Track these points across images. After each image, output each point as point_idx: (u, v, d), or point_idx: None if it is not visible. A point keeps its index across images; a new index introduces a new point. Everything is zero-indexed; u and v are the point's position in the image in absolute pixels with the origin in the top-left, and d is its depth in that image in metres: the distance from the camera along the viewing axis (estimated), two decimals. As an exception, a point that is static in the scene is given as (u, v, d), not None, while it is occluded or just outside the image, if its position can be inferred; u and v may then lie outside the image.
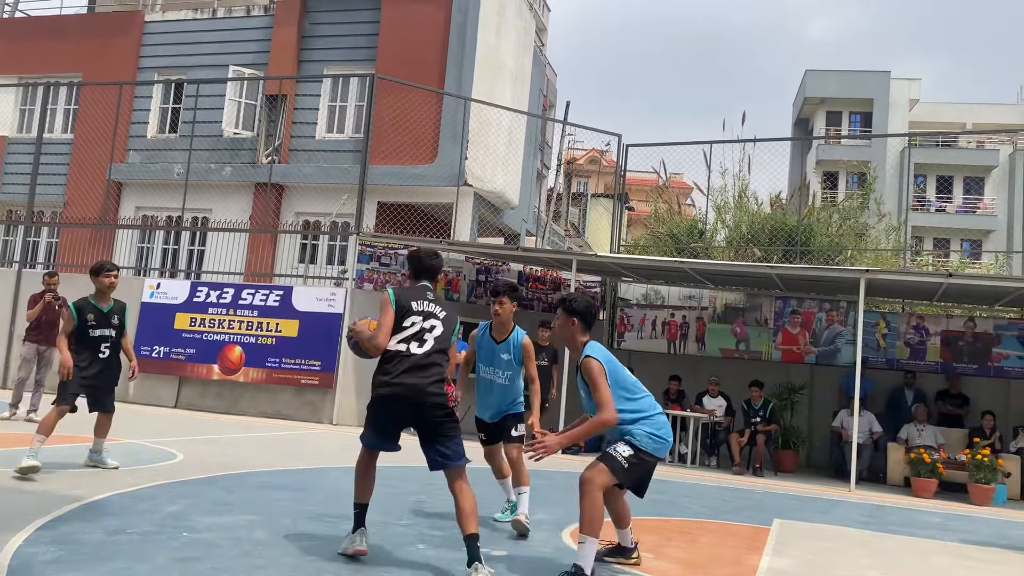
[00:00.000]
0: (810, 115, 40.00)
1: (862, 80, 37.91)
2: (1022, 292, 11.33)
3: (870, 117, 38.16)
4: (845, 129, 38.57)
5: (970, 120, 39.09)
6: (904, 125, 37.24)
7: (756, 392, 12.21)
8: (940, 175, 37.85)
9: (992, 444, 11.07)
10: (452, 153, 15.51)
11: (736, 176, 18.12)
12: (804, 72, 39.70)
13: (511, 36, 17.19)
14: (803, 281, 12.71)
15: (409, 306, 4.62)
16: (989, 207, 37.34)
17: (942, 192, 37.89)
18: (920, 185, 37.51)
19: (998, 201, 37.13)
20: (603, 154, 33.74)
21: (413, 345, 4.48)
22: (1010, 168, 36.96)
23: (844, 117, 39.11)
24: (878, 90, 37.77)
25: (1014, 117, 39.41)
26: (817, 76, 38.76)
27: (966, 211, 37.63)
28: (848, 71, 38.43)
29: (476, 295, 14.24)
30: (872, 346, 13.14)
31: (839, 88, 38.15)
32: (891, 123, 37.07)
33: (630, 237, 24.15)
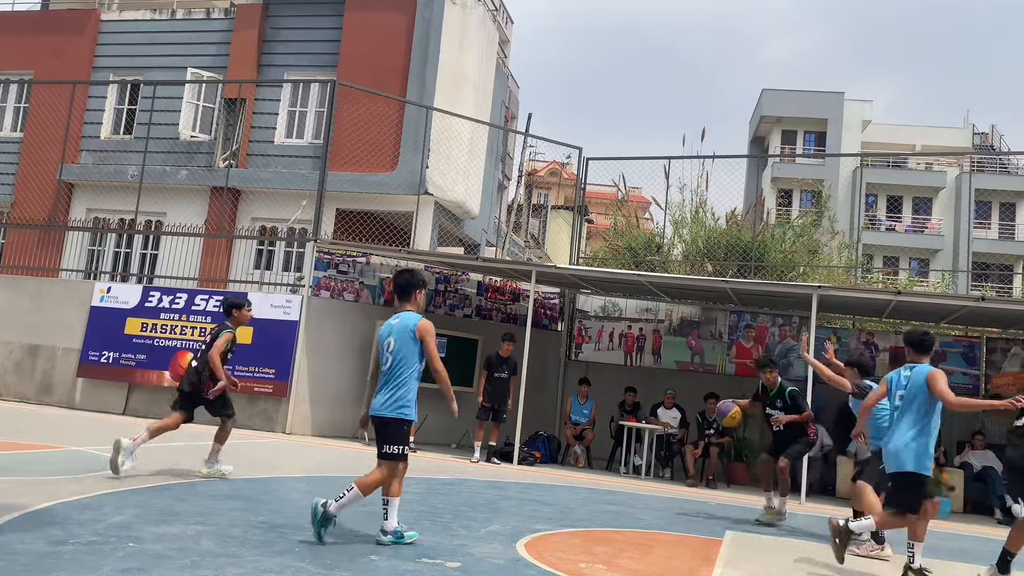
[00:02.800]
0: (766, 133, 40.78)
1: (817, 101, 38.80)
2: (967, 310, 11.64)
3: (824, 137, 39.05)
4: (800, 148, 39.39)
5: (919, 142, 40.22)
6: (857, 145, 38.17)
7: (711, 404, 12.34)
8: (890, 195, 38.84)
9: (937, 459, 11.33)
10: (413, 161, 15.47)
11: (694, 191, 18.39)
12: (761, 91, 40.48)
13: (474, 47, 17.24)
14: (757, 296, 12.92)
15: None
16: (936, 227, 38.40)
17: (892, 212, 38.87)
18: (871, 204, 38.43)
19: (945, 221, 38.20)
20: (564, 167, 33.97)
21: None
22: (956, 190, 38.08)
23: (799, 136, 39.95)
24: (832, 111, 38.68)
25: (961, 141, 40.65)
26: (773, 95, 39.55)
27: (915, 230, 38.64)
28: (803, 91, 39.29)
29: (435, 304, 14.19)
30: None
31: (794, 108, 38.98)
32: (844, 143, 37.97)
33: (589, 249, 24.31)
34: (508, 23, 27.84)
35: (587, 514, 7.23)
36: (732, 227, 18.55)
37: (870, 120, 40.23)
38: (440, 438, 13.45)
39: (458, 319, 14.26)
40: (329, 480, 7.93)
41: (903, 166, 39.52)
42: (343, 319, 13.21)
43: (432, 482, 8.74)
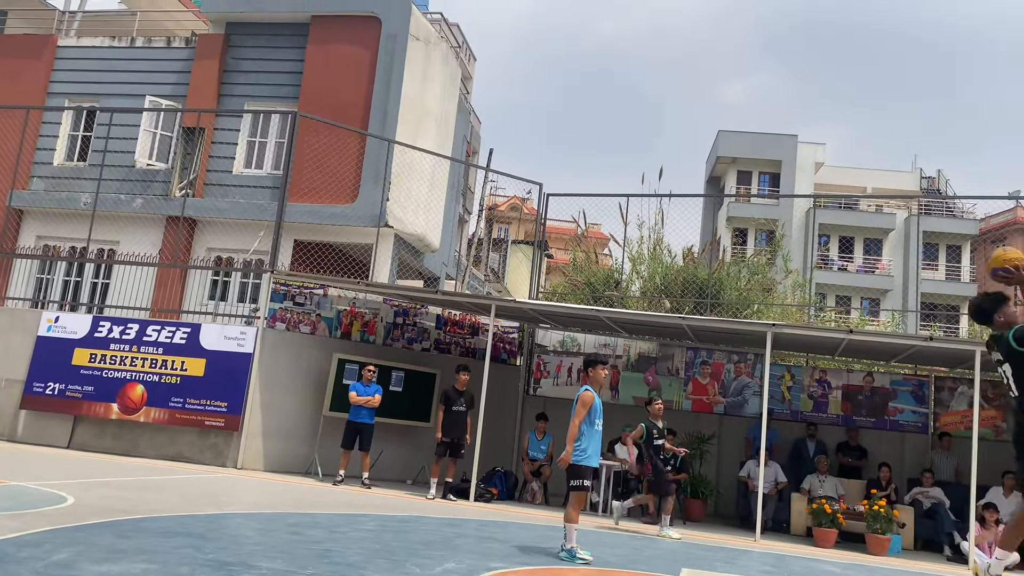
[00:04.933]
0: (722, 173, 41.61)
1: (771, 142, 39.79)
2: (916, 349, 11.91)
3: (778, 178, 39.98)
4: (755, 188, 40.25)
5: (870, 185, 41.41)
6: (810, 187, 39.13)
7: (670, 441, 12.37)
8: (842, 236, 39.80)
9: (888, 495, 11.51)
10: (373, 194, 15.45)
11: (652, 229, 18.63)
12: (717, 132, 41.40)
13: (436, 83, 17.38)
14: (713, 333, 13.06)
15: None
16: (887, 268, 39.39)
17: (844, 252, 39.80)
18: (824, 244, 39.32)
19: (895, 262, 39.22)
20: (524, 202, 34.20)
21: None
22: (905, 231, 39.18)
23: (754, 177, 40.84)
24: (786, 153, 39.68)
25: (909, 184, 41.96)
26: (729, 137, 40.47)
27: (866, 271, 39.59)
28: (758, 133, 40.28)
29: (393, 337, 14.09)
30: (777, 398, 13.56)
31: (750, 149, 39.91)
32: (798, 185, 38.91)
33: (549, 284, 24.42)
34: (471, 60, 28.14)
35: (543, 551, 7.17)
36: (689, 264, 18.81)
37: (823, 162, 41.34)
38: (396, 474, 13.27)
39: (416, 353, 14.17)
40: (279, 517, 7.75)
41: (854, 208, 40.61)
42: (299, 352, 13.04)
43: (387, 519, 8.59)
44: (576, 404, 7.23)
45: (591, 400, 7.20)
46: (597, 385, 7.41)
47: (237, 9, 17.35)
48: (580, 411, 7.17)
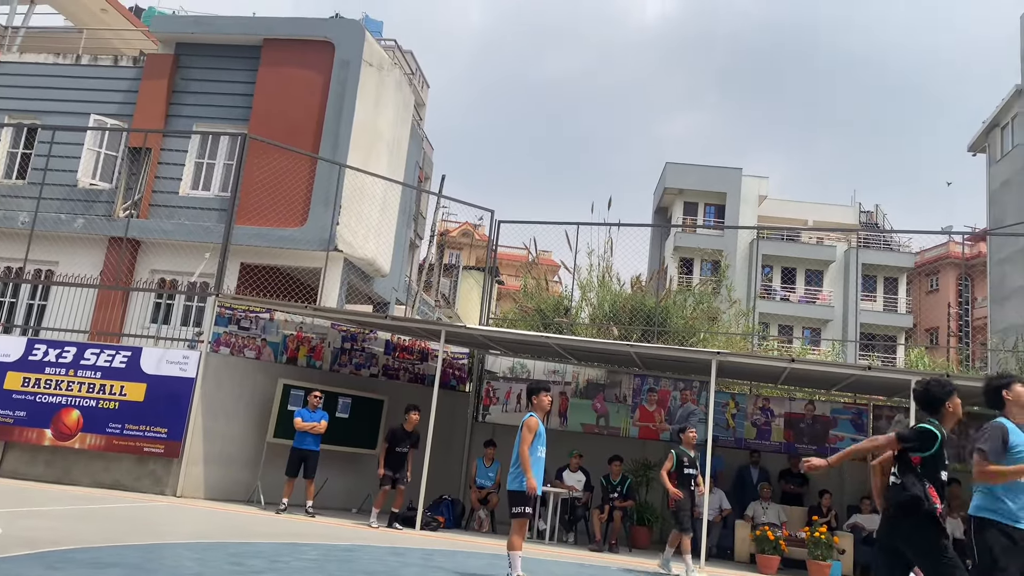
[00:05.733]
0: (669, 204, 42.37)
1: (717, 175, 40.72)
2: (855, 379, 12.23)
3: (723, 209, 40.88)
4: (701, 219, 41.06)
5: (811, 218, 42.56)
6: (753, 219, 40.08)
7: (616, 467, 12.46)
8: (785, 267, 40.78)
9: (829, 522, 11.73)
10: (323, 218, 15.34)
11: (601, 257, 18.83)
12: (665, 164, 42.19)
13: (389, 108, 17.41)
14: (660, 360, 13.23)
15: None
16: (827, 298, 40.42)
17: (786, 282, 40.76)
18: (767, 275, 40.22)
19: (835, 293, 40.29)
20: (476, 228, 34.34)
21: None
22: (845, 263, 40.33)
23: (700, 208, 41.69)
24: (731, 185, 40.63)
25: (848, 218, 43.27)
26: (676, 169, 41.29)
27: (807, 301, 40.57)
28: (704, 166, 41.21)
29: (340, 363, 13.93)
30: (722, 425, 13.76)
31: (696, 181, 40.78)
32: (742, 216, 39.83)
33: (499, 310, 24.45)
34: (424, 87, 28.26)
35: (490, 580, 7.13)
36: (637, 293, 19.04)
37: (766, 195, 42.41)
38: (341, 502, 13.07)
39: (364, 378, 14.03)
40: (219, 546, 7.56)
41: (796, 240, 41.68)
42: (243, 377, 12.81)
43: (330, 548, 8.45)
44: (521, 430, 7.24)
45: (536, 426, 7.21)
46: (541, 412, 7.43)
47: (187, 30, 17.18)
48: (526, 436, 7.18)
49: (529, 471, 7.06)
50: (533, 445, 7.18)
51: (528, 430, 7.17)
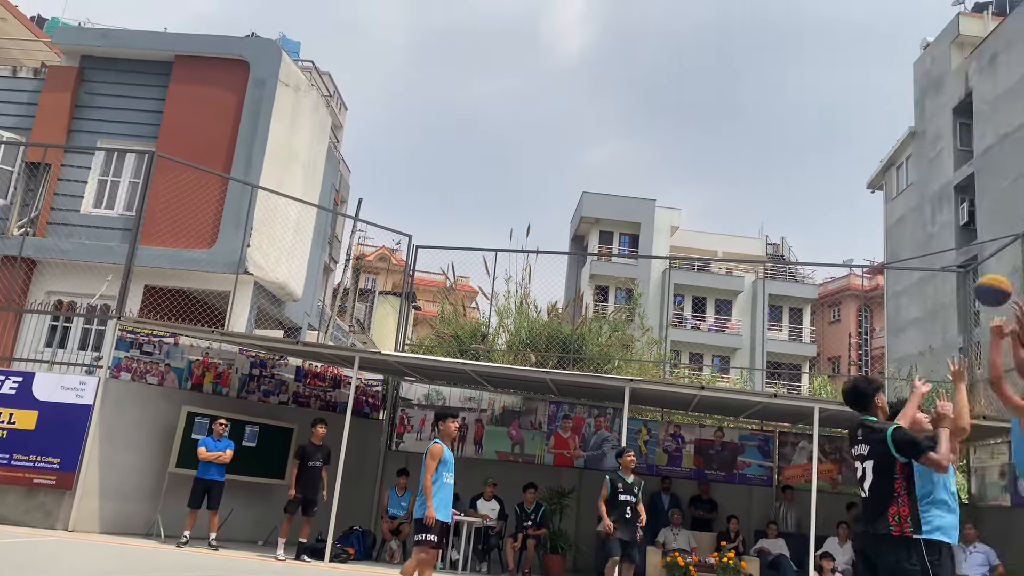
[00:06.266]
0: (586, 233, 43.07)
1: (631, 205, 41.66)
2: (762, 406, 12.59)
3: (637, 239, 41.82)
4: (616, 248, 41.87)
5: (721, 249, 43.97)
6: (666, 249, 41.11)
7: (530, 494, 12.42)
8: (696, 296, 41.91)
9: (736, 547, 11.97)
10: (233, 239, 14.91)
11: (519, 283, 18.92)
12: (582, 193, 42.93)
13: (305, 130, 17.15)
14: (575, 387, 13.33)
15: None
16: (736, 327, 41.69)
17: (697, 311, 41.87)
18: (679, 304, 41.24)
19: (743, 322, 41.60)
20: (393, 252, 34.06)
21: None
22: (752, 294, 41.73)
23: (615, 237, 42.53)
24: (645, 215, 41.63)
25: (756, 249, 44.87)
26: (593, 198, 42.07)
27: (717, 329, 41.75)
28: (620, 196, 42.11)
29: (248, 390, 13.50)
30: (635, 452, 13.91)
31: (611, 211, 41.62)
32: (655, 246, 40.81)
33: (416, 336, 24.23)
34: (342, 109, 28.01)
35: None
36: (553, 320, 19.19)
37: (678, 226, 43.61)
38: (246, 535, 12.58)
39: (273, 406, 13.62)
40: (115, 584, 7.15)
41: (706, 270, 42.94)
42: (144, 404, 12.25)
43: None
44: (426, 458, 7.14)
45: (440, 453, 7.12)
46: (448, 438, 7.35)
47: (94, 43, 16.56)
48: (431, 464, 7.07)
49: (430, 501, 6.95)
50: (438, 472, 7.08)
51: (432, 458, 7.07)
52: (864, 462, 4.80)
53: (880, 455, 4.72)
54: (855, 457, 4.88)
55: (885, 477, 4.70)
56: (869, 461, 4.77)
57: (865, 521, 4.78)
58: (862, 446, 4.83)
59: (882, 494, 4.68)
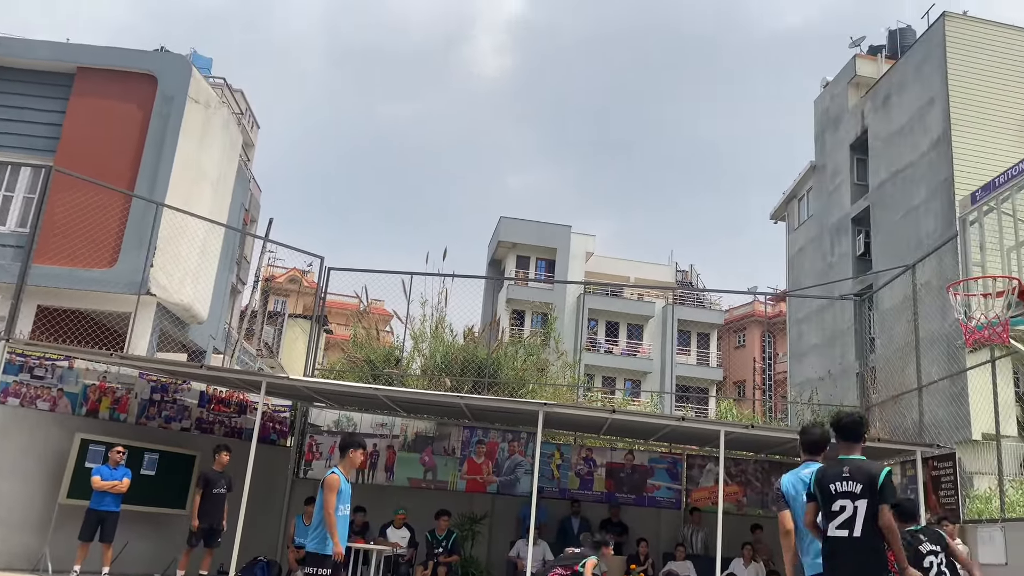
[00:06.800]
0: (503, 257, 43.33)
1: (548, 231, 42.19)
2: (671, 429, 12.84)
3: (553, 264, 42.33)
4: (532, 273, 42.26)
5: (633, 275, 44.91)
6: (581, 274, 41.73)
7: (443, 521, 12.28)
8: (609, 320, 42.63)
9: (646, 569, 12.12)
10: (136, 259, 14.33)
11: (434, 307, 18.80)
12: (499, 218, 43.22)
13: (215, 147, 16.71)
14: (490, 412, 13.30)
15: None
16: (647, 351, 42.55)
17: (610, 336, 42.56)
18: (592, 328, 41.83)
19: (654, 347, 42.49)
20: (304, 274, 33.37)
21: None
22: (663, 319, 42.71)
23: (532, 262, 42.94)
24: (560, 241, 42.22)
25: (666, 276, 46.02)
26: (510, 223, 42.41)
27: (629, 354, 42.50)
28: (537, 222, 42.60)
29: (148, 415, 12.93)
30: (547, 476, 13.97)
31: (528, 236, 42.06)
32: (571, 271, 41.39)
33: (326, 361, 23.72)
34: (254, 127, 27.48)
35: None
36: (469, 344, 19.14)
37: (592, 252, 44.37)
38: (142, 567, 11.98)
39: (174, 432, 13.07)
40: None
41: (619, 295, 43.75)
42: (33, 431, 11.56)
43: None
44: (323, 491, 6.88)
45: (337, 484, 6.86)
46: (350, 468, 7.12)
47: (-12, 50, 15.77)
48: (330, 498, 6.80)
49: (336, 536, 6.73)
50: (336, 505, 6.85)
51: (330, 490, 6.80)
52: (856, 500, 4.81)
53: (872, 494, 4.80)
54: (839, 495, 4.88)
55: (875, 520, 4.77)
56: (862, 500, 4.80)
57: (854, 562, 4.75)
58: (851, 483, 4.86)
59: (877, 537, 4.75)
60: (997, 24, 23.65)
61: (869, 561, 4.74)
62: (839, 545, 4.83)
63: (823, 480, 4.99)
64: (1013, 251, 7.88)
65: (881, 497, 4.78)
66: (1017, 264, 7.78)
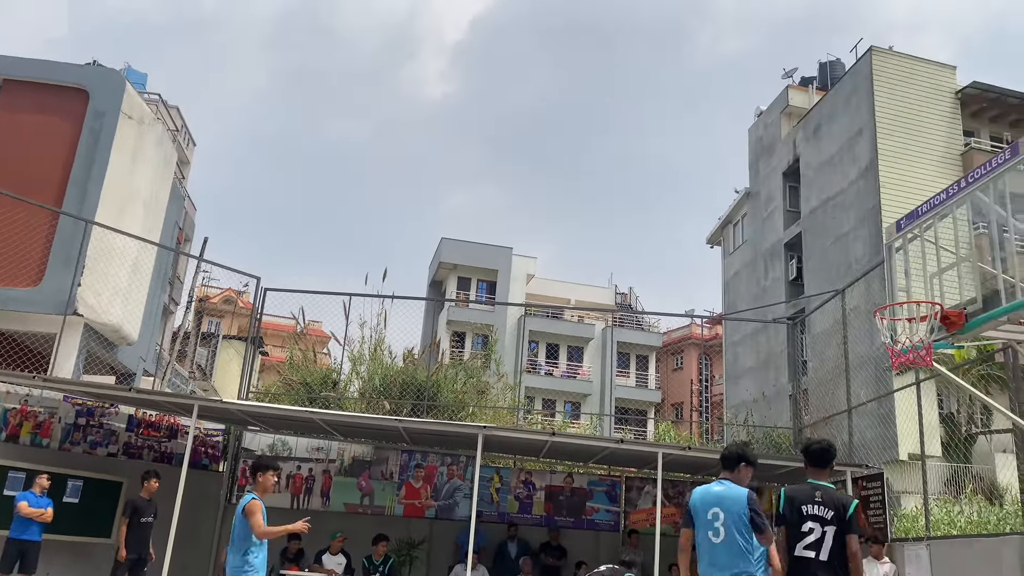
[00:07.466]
0: (444, 278, 43.19)
1: (489, 252, 42.25)
2: (610, 451, 12.91)
3: (495, 286, 42.36)
4: (473, 295, 42.20)
5: (573, 297, 45.25)
6: (522, 296, 41.88)
7: (381, 547, 12.07)
8: (549, 342, 42.79)
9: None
10: (62, 278, 13.82)
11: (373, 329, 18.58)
12: (440, 239, 43.13)
13: (148, 164, 16.29)
14: (428, 435, 13.17)
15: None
16: (587, 373, 42.81)
17: (550, 358, 42.70)
18: (533, 350, 41.92)
19: (594, 369, 42.79)
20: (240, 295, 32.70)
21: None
22: (603, 341, 43.08)
23: (473, 283, 42.90)
24: (502, 263, 42.31)
25: (606, 298, 46.49)
26: (451, 244, 42.34)
27: (569, 376, 42.69)
28: (478, 243, 42.62)
29: (73, 440, 12.43)
30: (486, 500, 13.88)
31: (469, 257, 42.05)
32: (511, 293, 41.49)
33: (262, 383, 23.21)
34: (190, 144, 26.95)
35: None
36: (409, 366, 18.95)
37: (533, 274, 44.58)
38: (64, 600, 11.46)
39: (100, 458, 12.58)
40: None
41: (560, 317, 44.00)
42: (-53, 458, 11.00)
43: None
44: (247, 518, 6.75)
45: (260, 508, 6.79)
46: (262, 492, 7.01)
47: (-94, 60, 15.13)
48: (258, 521, 6.72)
49: (285, 530, 6.94)
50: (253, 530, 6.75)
51: (253, 513, 6.71)
52: (826, 526, 5.14)
53: (840, 522, 5.13)
54: (809, 517, 5.20)
55: (842, 546, 5.11)
56: (831, 527, 5.13)
57: None
58: (822, 508, 5.18)
59: (842, 562, 5.08)
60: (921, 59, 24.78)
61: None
62: (806, 565, 5.13)
63: (794, 500, 5.30)
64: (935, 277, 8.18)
65: (849, 528, 5.14)
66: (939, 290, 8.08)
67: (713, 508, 5.44)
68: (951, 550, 9.90)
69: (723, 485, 5.54)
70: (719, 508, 5.41)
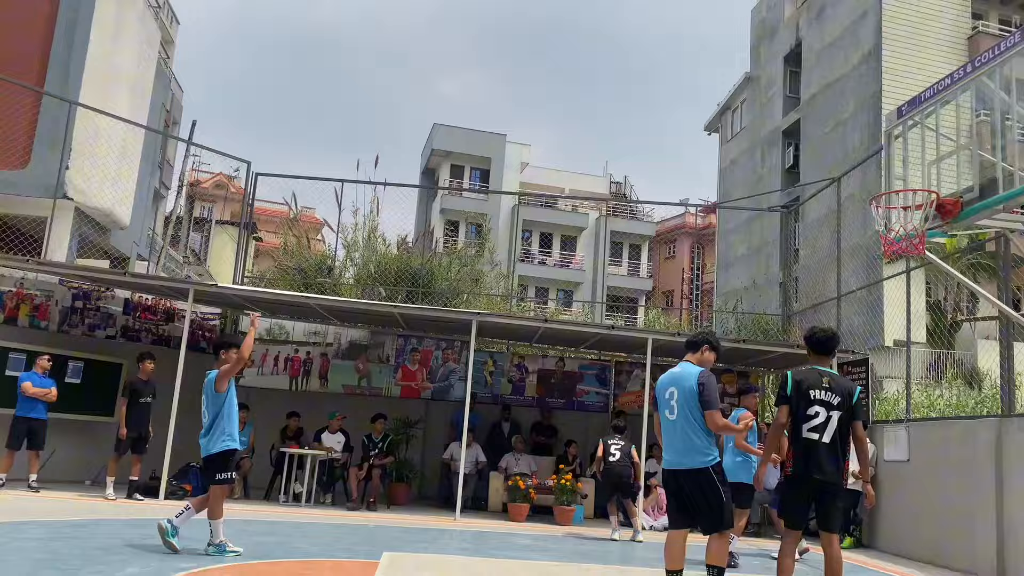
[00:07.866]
0: (437, 166, 42.66)
1: (482, 139, 41.54)
2: (601, 337, 13.14)
3: (488, 174, 41.91)
4: (467, 183, 41.80)
5: (567, 186, 44.90)
6: (516, 184, 41.50)
7: (379, 425, 12.44)
8: (543, 232, 42.76)
9: (574, 470, 12.59)
10: (50, 161, 13.61)
11: (367, 216, 18.52)
12: (433, 125, 42.31)
13: (131, 43, 15.75)
14: (424, 321, 13.35)
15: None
16: (580, 263, 43.02)
17: (544, 247, 42.79)
18: (527, 239, 41.95)
19: (587, 258, 42.97)
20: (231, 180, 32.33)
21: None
22: (596, 231, 43.07)
23: (466, 171, 42.41)
24: (495, 150, 41.68)
25: (600, 187, 46.14)
26: (444, 131, 41.58)
27: (562, 265, 42.92)
28: (471, 130, 41.83)
29: (71, 323, 12.57)
30: (481, 383, 14.21)
31: (463, 144, 41.35)
32: (505, 181, 41.08)
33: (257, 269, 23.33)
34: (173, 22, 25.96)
35: (241, 548, 6.85)
36: (403, 253, 19.00)
37: (528, 162, 44.04)
38: (71, 475, 11.88)
39: (99, 340, 12.77)
40: (-84, 533, 6.57)
41: (554, 207, 43.80)
42: (-52, 339, 11.14)
43: (59, 525, 7.67)
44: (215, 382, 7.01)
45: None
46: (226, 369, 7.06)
47: None
48: (225, 371, 6.96)
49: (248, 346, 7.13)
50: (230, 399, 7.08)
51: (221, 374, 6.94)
52: (832, 411, 5.27)
53: (847, 409, 5.29)
54: (816, 401, 5.29)
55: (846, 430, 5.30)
56: (837, 412, 5.27)
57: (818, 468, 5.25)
58: (830, 394, 5.30)
59: (843, 447, 5.29)
60: (932, -62, 23.71)
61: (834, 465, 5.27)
62: (812, 447, 5.30)
63: (802, 384, 5.38)
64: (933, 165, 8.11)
65: (856, 415, 5.34)
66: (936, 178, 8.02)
67: (670, 388, 5.53)
68: (929, 431, 10.26)
69: (682, 367, 5.59)
70: (674, 387, 5.50)
